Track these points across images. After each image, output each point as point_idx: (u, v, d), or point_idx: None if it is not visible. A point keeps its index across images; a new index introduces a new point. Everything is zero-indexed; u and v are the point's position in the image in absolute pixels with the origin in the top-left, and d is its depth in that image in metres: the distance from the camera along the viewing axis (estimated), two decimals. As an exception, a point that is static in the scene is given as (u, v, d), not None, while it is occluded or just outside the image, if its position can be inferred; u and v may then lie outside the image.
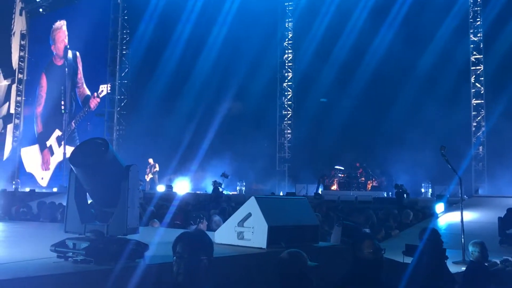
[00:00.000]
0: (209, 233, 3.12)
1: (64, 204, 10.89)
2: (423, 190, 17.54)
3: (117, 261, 3.19)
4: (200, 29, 21.83)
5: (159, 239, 4.33)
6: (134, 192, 3.35)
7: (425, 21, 17.92)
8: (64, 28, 25.94)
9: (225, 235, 4.72)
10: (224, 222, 7.80)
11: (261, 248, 4.20)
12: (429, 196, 16.72)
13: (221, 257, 3.73)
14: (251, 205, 4.46)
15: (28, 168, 26.94)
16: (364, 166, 18.79)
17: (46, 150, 26.10)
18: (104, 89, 23.44)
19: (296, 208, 4.62)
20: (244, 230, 4.41)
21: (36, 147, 26.69)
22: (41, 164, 26.28)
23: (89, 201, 3.54)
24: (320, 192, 17.30)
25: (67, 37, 25.78)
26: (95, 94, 23.95)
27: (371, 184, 18.61)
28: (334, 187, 18.86)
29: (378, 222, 9.99)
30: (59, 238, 3.44)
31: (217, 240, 4.40)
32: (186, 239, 2.79)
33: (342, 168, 18.96)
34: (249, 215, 4.46)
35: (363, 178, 18.76)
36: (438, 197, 13.01)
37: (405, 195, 15.02)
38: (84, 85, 24.92)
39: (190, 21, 22.06)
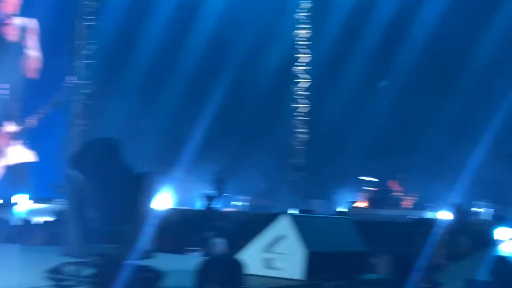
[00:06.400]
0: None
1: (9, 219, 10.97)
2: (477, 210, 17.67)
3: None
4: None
5: (171, 265, 4.47)
6: (150, 206, 3.51)
7: None
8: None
9: (247, 262, 4.85)
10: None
11: (296, 279, 4.35)
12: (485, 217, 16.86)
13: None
14: (283, 226, 4.59)
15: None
16: (402, 178, 18.84)
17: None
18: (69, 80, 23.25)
19: (340, 230, 4.79)
20: (273, 257, 4.54)
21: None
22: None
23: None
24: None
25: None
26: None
27: (411, 202, 18.61)
28: (364, 203, 18.89)
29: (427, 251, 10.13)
30: (52, 263, 3.59)
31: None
32: (220, 268, 2.94)
33: (375, 180, 18.93)
34: (280, 237, 4.59)
35: (398, 193, 18.80)
36: (497, 219, 13.20)
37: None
38: (38, 61, 24.66)
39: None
